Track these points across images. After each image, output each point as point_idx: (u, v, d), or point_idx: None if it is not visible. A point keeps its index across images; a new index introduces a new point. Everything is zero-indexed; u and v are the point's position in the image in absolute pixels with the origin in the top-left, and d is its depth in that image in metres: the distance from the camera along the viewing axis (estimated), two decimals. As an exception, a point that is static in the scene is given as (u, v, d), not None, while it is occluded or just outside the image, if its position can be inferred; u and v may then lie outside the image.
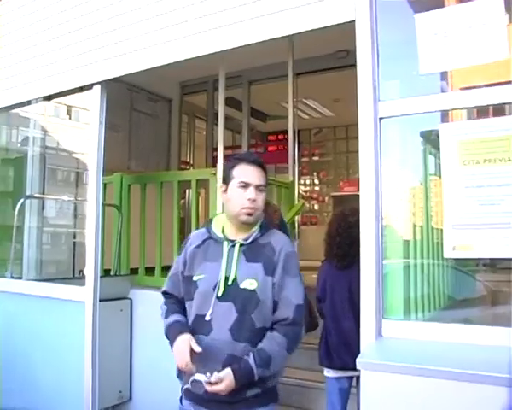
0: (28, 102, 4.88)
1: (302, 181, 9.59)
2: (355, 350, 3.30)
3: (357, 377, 3.41)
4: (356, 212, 3.52)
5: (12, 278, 4.94)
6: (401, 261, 2.85)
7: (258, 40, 3.15)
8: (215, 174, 4.67)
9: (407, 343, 2.53)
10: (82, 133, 7.18)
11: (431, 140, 2.75)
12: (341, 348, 3.43)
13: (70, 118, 7.44)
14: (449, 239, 2.45)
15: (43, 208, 5.65)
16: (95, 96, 3.96)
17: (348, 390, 3.54)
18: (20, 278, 5.03)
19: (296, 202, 6.04)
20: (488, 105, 2.43)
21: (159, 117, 7.39)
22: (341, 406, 3.51)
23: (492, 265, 3.41)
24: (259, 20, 3.13)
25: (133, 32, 3.72)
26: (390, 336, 2.56)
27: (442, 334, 2.48)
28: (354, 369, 3.32)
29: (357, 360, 2.42)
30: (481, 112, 2.53)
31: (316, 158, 10.12)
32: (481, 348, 2.35)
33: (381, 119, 2.60)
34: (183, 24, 3.49)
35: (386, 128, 2.66)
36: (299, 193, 7.14)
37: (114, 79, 3.99)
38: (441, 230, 2.68)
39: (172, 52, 3.51)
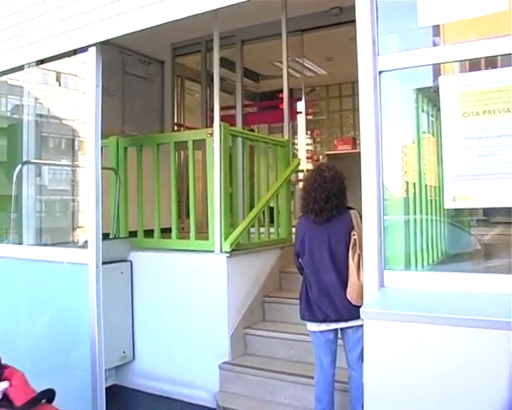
0: (21, 68, 4.83)
1: (296, 140, 9.58)
2: (336, 303, 3.39)
3: (341, 329, 3.49)
4: (332, 168, 3.59)
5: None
6: (401, 217, 2.90)
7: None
8: (211, 134, 4.67)
9: (409, 293, 2.60)
10: (72, 99, 7.11)
11: (431, 96, 2.78)
12: (323, 301, 3.45)
13: (59, 85, 7.36)
14: (449, 190, 2.50)
15: (39, 176, 5.65)
16: (90, 59, 3.91)
17: (334, 341, 3.55)
18: (21, 244, 5.07)
19: (292, 161, 6.03)
20: (488, 57, 2.44)
21: (151, 80, 7.34)
22: (330, 358, 3.54)
23: (486, 220, 3.48)
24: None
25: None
26: (392, 286, 2.62)
27: (442, 283, 2.55)
28: (336, 321, 3.41)
29: (361, 309, 2.48)
30: (474, 66, 2.55)
31: (309, 117, 10.09)
32: (480, 295, 2.41)
33: (380, 72, 2.62)
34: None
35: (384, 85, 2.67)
36: (293, 152, 7.16)
37: (106, 42, 3.95)
38: (436, 187, 2.74)
39: (168, 11, 3.47)
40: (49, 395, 2.34)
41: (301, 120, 7.64)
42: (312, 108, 9.99)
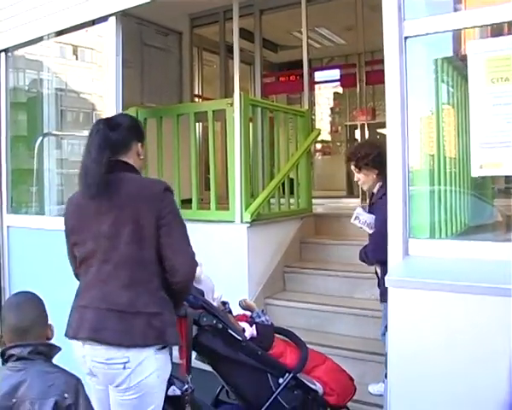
0: (40, 39, 4.83)
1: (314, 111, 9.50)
2: None
3: None
4: None
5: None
6: (425, 187, 2.88)
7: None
8: (232, 104, 4.65)
9: (433, 261, 2.59)
10: (89, 73, 7.12)
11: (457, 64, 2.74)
12: None
13: (77, 58, 7.35)
14: (476, 158, 2.46)
15: (60, 148, 5.70)
16: (110, 29, 3.91)
17: None
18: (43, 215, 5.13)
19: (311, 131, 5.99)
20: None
21: (170, 51, 7.30)
22: None
23: (507, 190, 3.43)
24: None
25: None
26: (416, 254, 2.61)
27: (467, 251, 2.53)
28: None
29: (386, 277, 2.48)
30: (497, 31, 2.50)
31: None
32: (505, 263, 2.38)
33: (406, 38, 2.57)
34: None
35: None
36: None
37: (124, 14, 3.93)
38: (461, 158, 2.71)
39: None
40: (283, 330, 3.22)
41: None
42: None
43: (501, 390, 2.12)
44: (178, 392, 2.64)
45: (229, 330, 2.80)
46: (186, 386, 2.64)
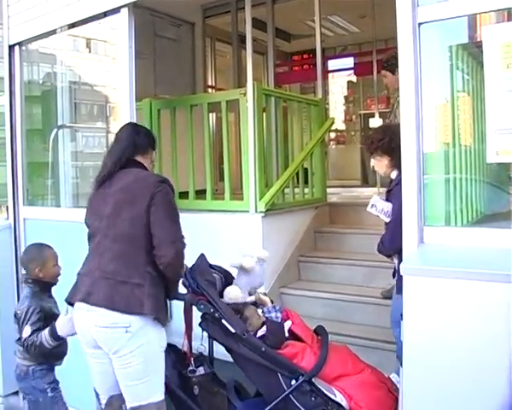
0: (53, 32, 4.85)
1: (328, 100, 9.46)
2: None
3: None
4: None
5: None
6: (440, 176, 2.85)
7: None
8: (245, 94, 4.64)
9: (448, 249, 2.57)
10: (103, 65, 7.13)
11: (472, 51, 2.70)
12: None
13: (90, 51, 7.38)
14: (492, 144, 2.43)
15: (74, 141, 5.73)
16: (123, 20, 3.92)
17: None
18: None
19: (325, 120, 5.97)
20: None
21: (182, 42, 7.31)
22: None
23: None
24: None
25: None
26: (431, 242, 2.59)
27: (483, 239, 2.51)
28: None
29: (401, 265, 2.47)
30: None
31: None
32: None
33: (420, 24, 2.54)
34: None
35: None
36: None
37: (137, 5, 3.94)
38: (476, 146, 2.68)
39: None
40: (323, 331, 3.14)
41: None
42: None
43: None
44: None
45: (223, 321, 2.85)
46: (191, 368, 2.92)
